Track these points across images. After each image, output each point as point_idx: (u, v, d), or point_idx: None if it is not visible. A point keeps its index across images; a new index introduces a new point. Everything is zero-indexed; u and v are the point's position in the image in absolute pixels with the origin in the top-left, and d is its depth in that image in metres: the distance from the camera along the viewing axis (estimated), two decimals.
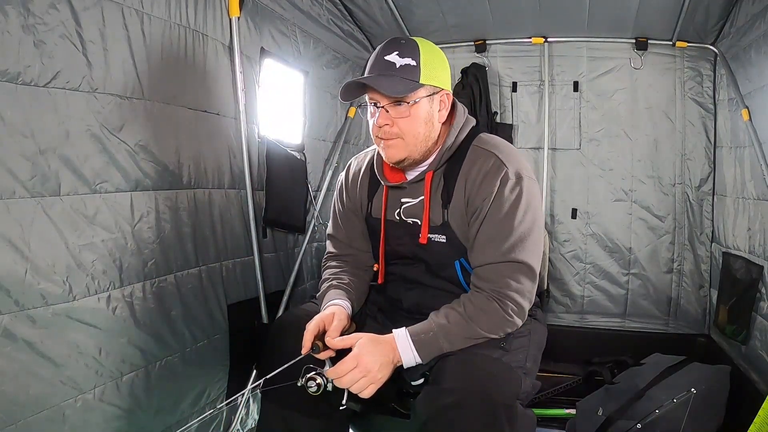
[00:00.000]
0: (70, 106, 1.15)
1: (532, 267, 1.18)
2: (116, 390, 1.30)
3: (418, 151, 1.22)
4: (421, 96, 1.18)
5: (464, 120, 1.28)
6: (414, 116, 1.18)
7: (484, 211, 1.19)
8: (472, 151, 1.25)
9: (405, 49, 1.17)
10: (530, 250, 1.18)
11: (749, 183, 2.00)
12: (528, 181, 1.21)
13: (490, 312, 1.15)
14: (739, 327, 1.98)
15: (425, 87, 1.18)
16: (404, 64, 1.16)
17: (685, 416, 1.60)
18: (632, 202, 2.56)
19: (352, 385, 1.06)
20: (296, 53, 2.07)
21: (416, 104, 1.18)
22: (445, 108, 1.23)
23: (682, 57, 2.43)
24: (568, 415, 1.94)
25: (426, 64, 1.17)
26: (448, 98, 1.24)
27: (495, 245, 1.18)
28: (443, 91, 1.22)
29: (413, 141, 1.20)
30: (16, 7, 1.02)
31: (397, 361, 1.11)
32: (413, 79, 1.16)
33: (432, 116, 1.21)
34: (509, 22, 2.42)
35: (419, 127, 1.20)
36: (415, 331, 1.14)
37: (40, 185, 1.10)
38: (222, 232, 1.69)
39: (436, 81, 1.20)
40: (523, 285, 1.17)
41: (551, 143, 2.62)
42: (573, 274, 2.65)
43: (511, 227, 1.17)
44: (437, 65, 1.21)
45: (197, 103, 1.56)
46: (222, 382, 1.73)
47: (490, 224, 1.19)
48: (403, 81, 1.15)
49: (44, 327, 1.11)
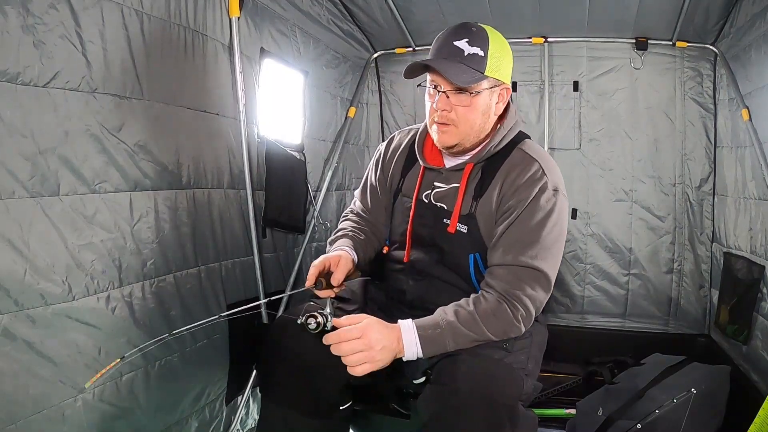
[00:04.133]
0: (70, 106, 1.15)
1: (549, 279, 1.17)
2: (116, 390, 1.30)
3: (470, 140, 1.24)
4: (484, 87, 1.19)
5: (515, 121, 1.29)
6: (474, 106, 1.19)
7: (515, 213, 1.19)
8: (516, 153, 1.25)
9: (475, 37, 1.17)
10: (551, 263, 1.18)
11: (750, 183, 2.00)
12: (562, 197, 1.23)
13: (500, 315, 1.14)
14: (740, 327, 1.98)
15: (488, 79, 1.18)
16: (472, 53, 1.16)
17: (685, 416, 1.60)
18: (632, 202, 2.56)
19: (349, 356, 1.02)
20: (296, 53, 2.07)
21: (478, 95, 1.18)
22: (502, 102, 1.25)
23: (682, 57, 2.43)
24: (568, 415, 1.94)
25: (493, 56, 1.17)
26: (508, 93, 1.25)
27: (519, 248, 1.17)
28: (504, 85, 1.23)
29: (468, 130, 1.22)
30: (15, 7, 1.02)
31: (399, 351, 1.08)
32: (479, 70, 1.16)
33: (489, 108, 1.22)
34: (509, 22, 2.41)
35: (476, 117, 1.21)
36: (422, 326, 1.11)
37: (40, 185, 1.10)
38: (221, 232, 1.69)
39: (500, 74, 1.20)
40: (537, 293, 1.16)
41: (551, 143, 2.61)
42: (573, 274, 2.65)
43: (539, 235, 1.17)
44: (503, 59, 1.21)
45: (197, 103, 1.56)
46: (222, 382, 1.73)
47: (519, 227, 1.18)
48: (469, 70, 1.15)
49: (44, 327, 1.11)
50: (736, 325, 2.02)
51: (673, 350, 2.08)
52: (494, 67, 1.18)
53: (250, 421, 1.86)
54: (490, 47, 1.17)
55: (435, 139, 1.27)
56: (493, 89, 1.21)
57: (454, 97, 1.19)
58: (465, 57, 1.15)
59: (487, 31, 1.19)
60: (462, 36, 1.17)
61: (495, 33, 1.21)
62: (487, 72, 1.17)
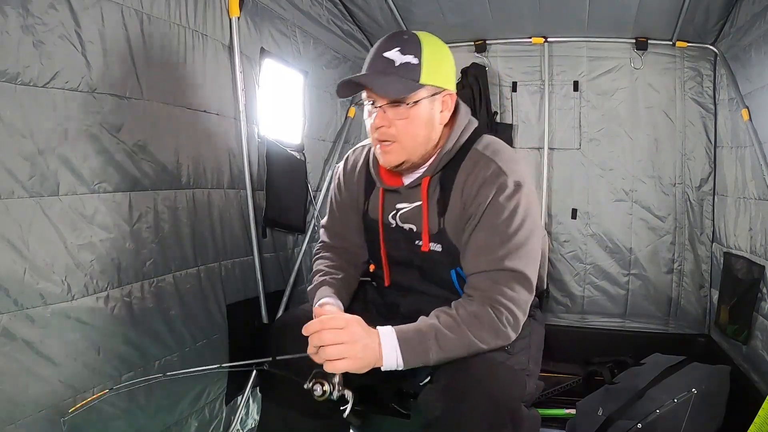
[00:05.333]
0: (69, 106, 1.15)
1: (528, 276, 1.11)
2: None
3: (417, 154, 1.16)
4: (422, 96, 1.11)
5: (467, 122, 1.22)
6: (413, 118, 1.11)
7: (478, 217, 1.13)
8: (471, 156, 1.17)
9: (407, 45, 1.10)
10: (526, 260, 1.11)
11: (750, 183, 2.00)
12: (527, 189, 1.14)
13: (483, 318, 1.07)
14: (741, 327, 1.98)
15: (426, 87, 1.11)
16: (404, 62, 1.09)
17: (686, 416, 1.60)
18: (633, 202, 2.56)
19: (329, 347, 0.97)
20: (296, 53, 2.07)
21: (416, 105, 1.11)
22: (447, 109, 1.17)
23: (682, 57, 2.43)
24: (568, 415, 1.94)
25: (428, 61, 1.10)
26: (452, 99, 1.18)
27: (489, 253, 1.11)
28: (446, 91, 1.15)
29: (411, 144, 1.14)
30: (15, 8, 1.02)
31: (379, 357, 1.02)
32: (413, 79, 1.09)
33: (433, 118, 1.14)
34: (509, 22, 2.41)
35: (419, 129, 1.13)
36: (403, 333, 1.04)
37: (39, 185, 1.10)
38: (221, 232, 1.69)
39: (438, 80, 1.13)
40: (518, 294, 1.09)
41: (551, 143, 2.62)
42: (573, 274, 2.65)
43: (507, 235, 1.10)
44: (441, 63, 1.14)
45: (197, 103, 1.56)
46: (221, 382, 1.73)
47: (484, 231, 1.12)
48: (401, 80, 1.09)
49: (43, 326, 1.11)
50: (737, 325, 2.02)
51: (673, 350, 2.08)
52: (431, 73, 1.10)
53: (250, 421, 1.86)
54: (424, 53, 1.10)
55: (381, 161, 1.19)
56: (434, 97, 1.13)
57: (391, 111, 1.11)
58: (397, 67, 1.08)
59: (419, 38, 1.11)
60: (392, 45, 1.10)
61: (429, 38, 1.14)
62: (422, 80, 1.09)
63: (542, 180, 2.61)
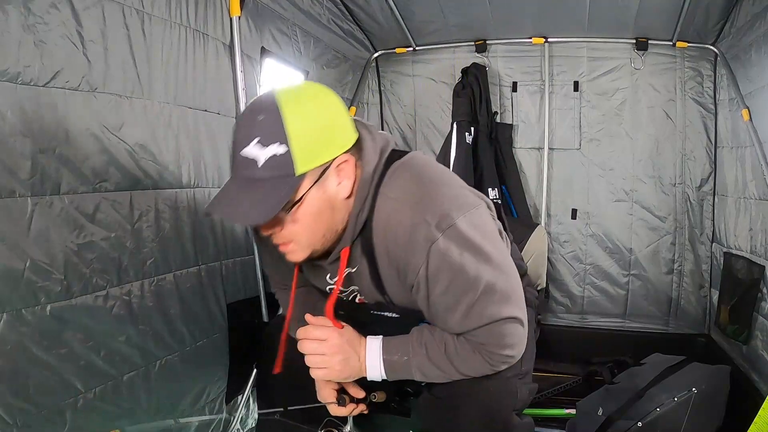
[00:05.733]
0: (70, 106, 1.15)
1: (514, 316, 0.96)
2: (116, 389, 1.30)
3: (324, 243, 0.97)
4: (306, 189, 0.88)
5: (374, 164, 0.96)
6: (303, 217, 0.91)
7: (423, 289, 0.94)
8: (381, 208, 0.95)
9: (265, 129, 0.85)
10: (504, 300, 0.95)
11: (750, 183, 2.00)
12: (464, 219, 0.92)
13: (474, 363, 0.99)
14: (741, 327, 1.98)
15: (308, 174, 0.87)
16: (270, 157, 0.84)
17: (686, 416, 1.60)
18: (633, 202, 2.56)
19: (309, 356, 1.00)
20: (296, 53, 2.07)
21: (301, 204, 0.89)
22: (347, 177, 0.93)
23: (682, 57, 2.43)
24: (568, 415, 1.94)
25: (300, 141, 0.85)
26: (348, 163, 0.93)
27: (457, 317, 0.95)
28: (337, 159, 0.91)
29: (311, 240, 0.95)
30: (17, 7, 1.02)
31: (362, 370, 1.03)
32: (286, 174, 0.85)
33: (329, 200, 0.93)
34: (510, 22, 2.41)
35: (314, 224, 0.93)
36: (390, 356, 1.01)
37: (40, 184, 1.10)
38: (221, 232, 1.69)
39: (322, 156, 0.88)
40: (512, 338, 0.97)
41: (551, 143, 2.62)
42: (573, 275, 2.65)
43: (467, 291, 0.92)
44: (319, 131, 0.88)
45: (197, 103, 1.56)
46: (222, 382, 1.73)
47: (439, 299, 0.95)
48: (270, 189, 0.85)
49: (43, 326, 1.11)
50: (737, 325, 2.02)
51: (673, 350, 2.08)
52: (308, 155, 0.86)
53: (250, 420, 1.86)
54: (291, 133, 0.84)
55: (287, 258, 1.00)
56: (323, 177, 0.90)
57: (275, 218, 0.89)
58: (262, 168, 0.84)
59: (280, 109, 0.85)
60: (249, 136, 0.85)
61: (295, 101, 0.87)
62: (299, 169, 0.86)
63: (542, 180, 2.62)
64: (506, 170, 2.62)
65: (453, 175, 1.04)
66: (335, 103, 0.93)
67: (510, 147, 2.65)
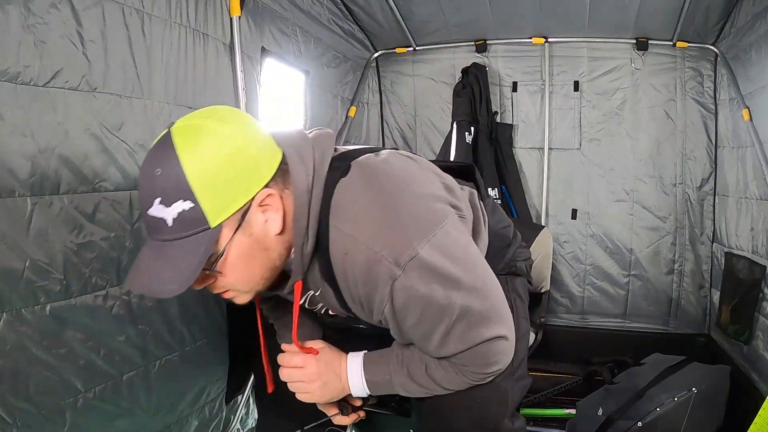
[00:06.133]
0: (70, 106, 1.15)
1: (496, 336, 0.88)
2: (116, 389, 1.30)
3: (266, 283, 0.90)
4: (227, 239, 0.79)
5: (306, 188, 0.84)
6: (231, 267, 0.82)
7: (392, 323, 0.88)
8: (334, 240, 0.84)
9: (165, 186, 0.75)
10: (483, 320, 0.87)
11: (752, 183, 2.00)
12: (427, 247, 0.81)
13: (458, 380, 0.95)
14: (742, 327, 1.98)
15: (227, 222, 0.78)
16: (178, 215, 0.75)
17: (686, 415, 1.60)
18: (633, 202, 2.56)
19: (289, 382, 1.02)
20: (297, 53, 2.07)
21: (225, 256, 0.81)
22: (273, 210, 0.83)
23: (682, 57, 2.43)
24: (568, 415, 1.94)
25: (206, 191, 0.75)
26: (272, 196, 0.82)
27: (434, 344, 0.89)
28: (257, 196, 0.80)
29: (249, 286, 0.88)
30: (17, 7, 1.02)
31: (345, 388, 1.03)
32: (200, 228, 0.76)
33: (259, 242, 0.83)
34: (510, 22, 2.42)
35: (247, 270, 0.85)
36: (371, 373, 1.00)
37: (40, 184, 1.10)
38: None
39: (237, 200, 0.78)
40: (495, 356, 0.91)
41: (551, 143, 2.62)
42: (573, 275, 2.65)
43: (441, 320, 0.85)
44: (227, 172, 0.77)
45: (197, 103, 1.56)
46: (221, 381, 1.73)
47: (412, 329, 0.88)
48: (183, 258, 0.76)
49: (43, 326, 1.11)
50: (738, 325, 2.02)
51: (673, 350, 2.08)
52: (220, 203, 0.76)
53: (250, 420, 1.86)
54: (194, 184, 0.74)
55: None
56: (246, 221, 0.80)
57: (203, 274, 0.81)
58: (173, 227, 0.75)
59: (177, 156, 0.74)
60: (151, 196, 0.75)
61: (192, 143, 0.76)
62: (213, 220, 0.76)
63: (542, 180, 2.62)
64: (506, 170, 2.62)
65: (414, 178, 0.91)
66: (243, 130, 0.80)
67: (510, 147, 2.65)
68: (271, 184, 0.83)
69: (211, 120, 0.80)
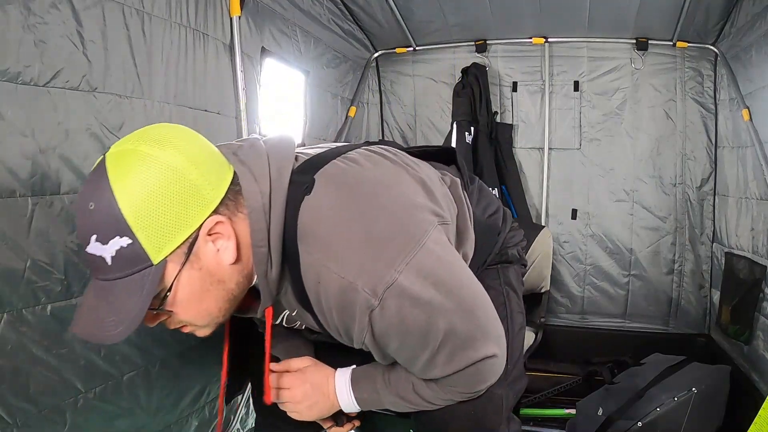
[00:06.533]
0: (70, 106, 1.15)
1: (484, 357, 0.83)
2: (116, 389, 1.30)
3: (227, 314, 0.85)
4: (173, 274, 0.73)
5: (260, 208, 0.77)
6: (183, 303, 0.77)
7: (374, 349, 0.84)
8: (305, 269, 0.78)
9: (100, 222, 0.69)
10: (470, 342, 0.81)
11: (752, 183, 2.00)
12: (406, 272, 0.75)
13: (447, 397, 0.92)
14: (742, 327, 1.98)
15: (171, 257, 0.72)
16: (116, 252, 0.69)
17: (686, 415, 1.60)
18: (633, 202, 2.56)
19: (279, 402, 1.02)
20: (297, 53, 2.07)
21: (173, 293, 0.75)
22: (224, 237, 0.76)
23: (682, 57, 2.43)
24: (568, 415, 1.94)
25: (144, 226, 0.69)
26: (222, 224, 0.75)
27: (419, 369, 0.85)
28: (204, 225, 0.74)
29: (207, 320, 0.83)
30: (17, 7, 1.02)
31: (334, 404, 1.01)
32: (143, 265, 0.70)
33: (212, 273, 0.77)
34: (510, 22, 2.42)
35: (201, 304, 0.79)
36: (359, 391, 0.97)
37: (40, 184, 1.10)
38: None
39: (180, 232, 0.71)
40: (484, 375, 0.87)
41: (551, 143, 2.62)
42: (573, 275, 2.65)
43: (424, 346, 0.79)
44: (167, 203, 0.70)
45: (198, 103, 1.56)
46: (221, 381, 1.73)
47: (395, 354, 0.84)
48: (127, 299, 0.70)
49: (43, 326, 1.11)
50: (738, 325, 2.02)
51: (673, 350, 2.08)
52: (161, 238, 0.70)
53: (250, 420, 1.86)
54: (130, 219, 0.68)
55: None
56: (193, 253, 0.74)
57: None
58: (112, 266, 0.70)
59: (110, 188, 0.68)
60: (87, 233, 0.70)
61: (126, 172, 0.69)
62: (155, 258, 0.70)
63: (542, 180, 2.62)
64: (506, 170, 2.62)
65: (388, 187, 0.83)
66: (182, 152, 0.72)
67: (510, 147, 2.65)
68: (221, 209, 0.75)
69: (145, 144, 0.72)
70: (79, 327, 0.74)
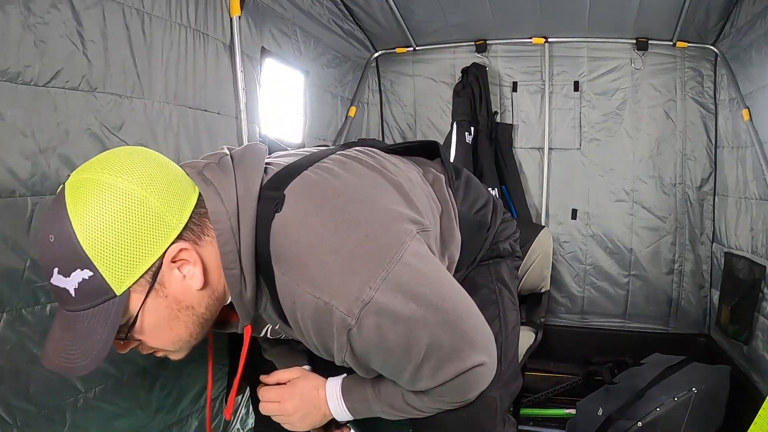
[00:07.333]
0: (70, 106, 1.15)
1: (471, 366, 0.81)
2: (117, 389, 1.30)
3: (199, 337, 0.86)
4: (138, 304, 0.72)
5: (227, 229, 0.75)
6: (151, 331, 0.76)
7: (357, 366, 0.83)
8: (279, 283, 0.77)
9: (60, 255, 0.68)
10: (455, 353, 0.79)
11: (751, 183, 2.00)
12: (384, 288, 0.73)
13: (437, 406, 0.91)
14: (742, 327, 1.98)
15: (135, 287, 0.71)
16: (78, 285, 0.68)
17: (686, 415, 1.60)
18: (633, 202, 2.56)
19: (271, 415, 1.03)
20: (297, 53, 2.07)
21: (140, 321, 0.74)
22: (191, 263, 0.75)
23: (682, 57, 2.43)
24: (568, 415, 1.94)
25: (105, 257, 0.68)
26: (186, 250, 0.74)
27: (405, 382, 0.84)
28: (168, 252, 0.72)
29: (178, 345, 0.83)
30: (17, 7, 1.02)
31: (326, 414, 1.00)
32: (106, 296, 0.69)
33: (179, 301, 0.76)
34: (510, 22, 2.42)
35: (170, 331, 0.78)
36: (351, 401, 0.97)
37: (40, 184, 1.10)
38: None
39: (143, 262, 0.70)
40: (473, 384, 0.85)
41: (551, 143, 2.62)
42: (573, 275, 2.65)
43: (408, 361, 0.78)
44: (128, 232, 0.68)
45: (197, 102, 1.56)
46: (222, 381, 1.73)
47: (379, 368, 0.83)
48: (91, 330, 0.70)
49: (43, 326, 1.11)
50: (738, 325, 2.02)
51: (673, 350, 2.08)
52: (123, 269, 0.69)
53: (250, 420, 1.86)
54: (90, 251, 0.67)
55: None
56: (158, 281, 0.73)
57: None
58: (76, 297, 0.69)
59: (69, 220, 0.67)
60: (49, 265, 0.70)
61: (84, 202, 0.68)
62: (118, 289, 0.69)
63: (542, 180, 2.62)
64: (506, 170, 2.63)
65: (362, 198, 0.81)
66: (142, 178, 0.70)
67: (510, 147, 2.65)
68: (185, 235, 0.74)
69: (103, 172, 0.70)
70: (47, 359, 0.73)
